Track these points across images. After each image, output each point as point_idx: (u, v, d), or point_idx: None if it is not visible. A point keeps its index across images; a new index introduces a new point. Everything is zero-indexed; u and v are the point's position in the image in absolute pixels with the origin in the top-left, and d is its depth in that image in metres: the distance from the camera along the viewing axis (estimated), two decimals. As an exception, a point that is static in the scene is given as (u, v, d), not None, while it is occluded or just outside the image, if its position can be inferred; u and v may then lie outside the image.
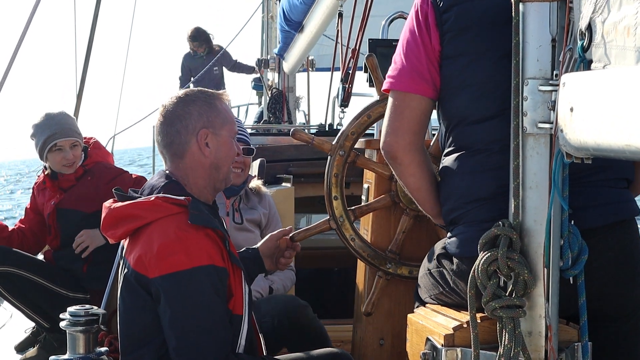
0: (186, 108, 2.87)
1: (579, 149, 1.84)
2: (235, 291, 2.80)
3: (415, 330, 2.74)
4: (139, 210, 2.77)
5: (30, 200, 5.19)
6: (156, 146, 2.98)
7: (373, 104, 3.69)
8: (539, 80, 2.15)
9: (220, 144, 2.89)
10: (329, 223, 3.67)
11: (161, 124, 2.89)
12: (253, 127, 10.07)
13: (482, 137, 2.53)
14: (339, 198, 3.65)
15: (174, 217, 2.73)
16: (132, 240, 2.81)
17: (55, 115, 4.94)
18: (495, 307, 2.20)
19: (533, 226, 2.21)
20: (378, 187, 3.73)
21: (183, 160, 2.88)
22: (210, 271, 2.69)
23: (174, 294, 2.67)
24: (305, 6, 7.39)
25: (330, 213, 3.67)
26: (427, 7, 2.63)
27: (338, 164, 3.65)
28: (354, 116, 3.72)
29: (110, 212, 2.82)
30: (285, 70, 10.24)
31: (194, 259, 2.67)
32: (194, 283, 2.67)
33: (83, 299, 4.83)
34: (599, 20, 1.81)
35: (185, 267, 2.66)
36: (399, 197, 3.64)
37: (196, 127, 2.85)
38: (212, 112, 2.88)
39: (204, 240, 2.71)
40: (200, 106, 2.87)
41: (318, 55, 11.69)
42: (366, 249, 3.66)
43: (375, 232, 3.74)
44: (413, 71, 2.63)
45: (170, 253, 2.67)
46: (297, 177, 5.51)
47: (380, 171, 3.66)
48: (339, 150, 3.65)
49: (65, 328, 3.08)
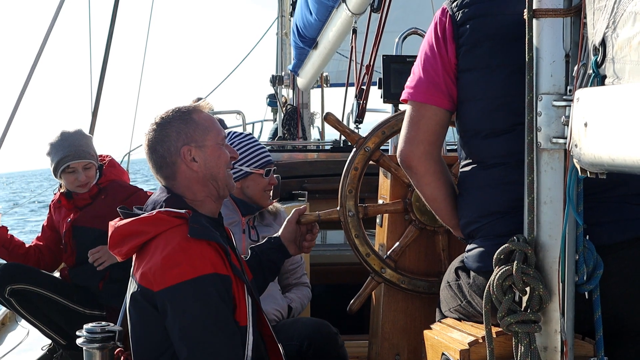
0: (164, 131, 2.90)
1: (594, 164, 1.84)
2: (239, 302, 2.82)
3: (431, 346, 2.74)
4: (142, 225, 2.80)
5: (47, 218, 5.22)
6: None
7: None
8: (553, 95, 2.14)
9: (207, 155, 2.92)
10: (338, 213, 3.67)
11: (147, 152, 2.94)
12: (268, 144, 10.10)
13: (497, 151, 2.54)
14: (353, 191, 3.65)
15: (176, 229, 2.75)
16: (138, 256, 2.83)
17: (69, 135, 4.96)
18: (510, 322, 2.20)
19: (548, 241, 2.20)
20: (393, 197, 3.73)
21: (176, 180, 2.91)
22: (214, 279, 2.71)
23: (181, 305, 2.69)
24: (319, 22, 7.42)
25: (341, 204, 3.67)
26: (445, 20, 2.66)
27: (361, 159, 3.66)
28: (388, 117, 3.75)
29: (116, 230, 2.85)
30: (300, 86, 10.27)
31: (198, 268, 2.69)
32: (200, 292, 2.68)
33: (99, 316, 4.85)
34: (613, 35, 1.81)
35: (189, 277, 2.68)
36: (412, 206, 3.65)
37: (177, 147, 2.89)
38: (189, 127, 2.91)
39: (206, 249, 2.73)
40: (177, 125, 2.90)
41: (333, 71, 11.72)
42: (366, 248, 3.65)
43: (387, 240, 3.74)
44: (430, 83, 2.66)
45: (174, 265, 2.69)
46: (312, 193, 5.52)
47: (400, 176, 3.66)
48: (365, 145, 3.66)
49: (81, 345, 3.10)
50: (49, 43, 6.61)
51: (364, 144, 3.66)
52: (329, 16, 7.14)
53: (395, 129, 3.67)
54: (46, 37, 6.60)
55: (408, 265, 3.70)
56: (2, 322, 6.09)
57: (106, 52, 7.78)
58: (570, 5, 2.12)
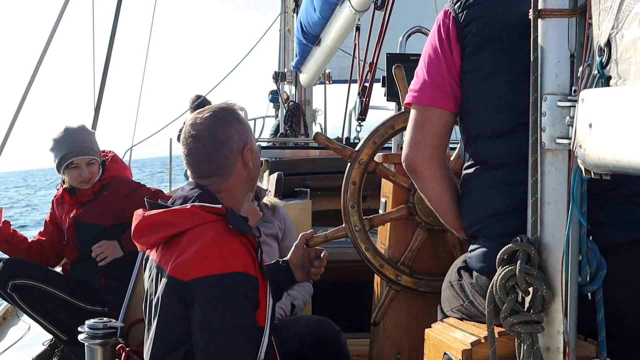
0: (226, 131, 2.90)
1: (598, 165, 1.83)
2: (261, 302, 2.81)
3: (432, 345, 2.74)
4: (175, 217, 2.77)
5: (50, 213, 5.23)
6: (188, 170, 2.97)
7: (397, 115, 3.68)
8: (558, 95, 2.14)
9: (254, 155, 2.96)
10: (345, 230, 3.67)
11: (203, 153, 2.90)
12: (270, 140, 10.09)
13: (501, 152, 2.54)
14: (355, 206, 3.65)
15: (212, 224, 2.75)
16: (166, 247, 2.80)
17: (73, 131, 4.96)
18: (513, 323, 2.20)
19: (551, 242, 2.20)
20: (396, 201, 3.73)
21: (228, 180, 2.91)
22: (243, 278, 2.70)
23: (208, 296, 2.68)
24: (323, 19, 7.42)
25: (346, 221, 3.67)
26: (448, 22, 2.64)
27: (357, 172, 3.65)
28: (377, 126, 3.72)
29: (144, 220, 2.83)
30: (302, 83, 10.27)
31: (229, 264, 2.68)
32: (228, 288, 2.68)
33: (101, 311, 4.86)
34: (618, 36, 1.81)
35: (220, 272, 2.67)
36: (416, 210, 3.64)
37: (239, 147, 2.90)
38: (243, 127, 2.94)
39: (239, 247, 2.73)
40: (235, 125, 2.91)
41: (336, 68, 11.71)
42: (379, 260, 3.65)
43: (393, 246, 3.74)
44: (435, 85, 2.65)
45: (207, 256, 2.68)
46: (314, 190, 5.51)
47: (398, 182, 3.66)
48: (359, 158, 3.65)
49: (83, 341, 3.10)
50: (53, 40, 6.60)
51: (358, 157, 3.65)
52: (332, 13, 7.15)
53: (386, 136, 3.67)
54: (51, 35, 6.60)
55: (423, 268, 3.70)
56: (4, 316, 6.10)
57: (109, 49, 7.78)
58: (576, 5, 2.12)
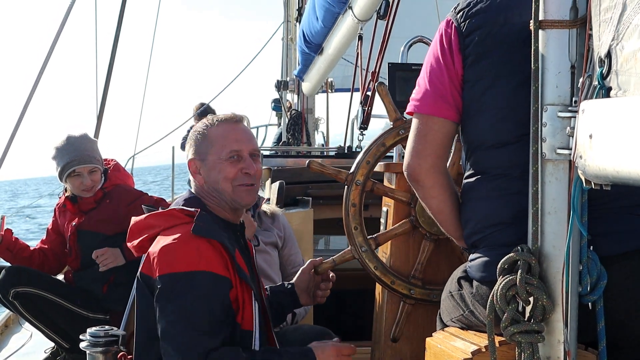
0: (189, 141, 3.13)
1: (598, 176, 1.84)
2: (244, 306, 2.89)
3: (433, 354, 2.74)
4: (156, 220, 2.97)
5: (52, 221, 5.24)
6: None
7: (387, 132, 3.69)
8: (558, 106, 2.14)
9: (209, 169, 3.05)
10: (352, 252, 3.67)
11: None
12: (272, 149, 10.09)
13: (502, 162, 2.54)
14: (359, 228, 3.65)
15: (184, 226, 2.89)
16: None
17: (75, 139, 4.97)
18: (513, 332, 2.20)
19: (552, 251, 2.20)
20: (397, 211, 3.73)
21: (201, 187, 3.08)
22: (206, 277, 2.80)
23: (165, 293, 2.80)
24: (325, 29, 7.43)
25: (351, 243, 3.67)
26: (450, 31, 2.64)
27: (355, 194, 3.66)
28: (368, 145, 3.73)
29: (133, 225, 3.03)
30: (305, 91, 10.27)
31: (191, 264, 2.80)
32: (185, 286, 2.78)
33: (103, 319, 4.86)
34: (619, 48, 1.81)
35: (180, 270, 2.80)
36: (419, 222, 3.64)
37: (189, 158, 3.10)
38: (201, 141, 3.07)
39: (206, 248, 2.84)
40: (193, 139, 3.10)
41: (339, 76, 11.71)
42: (390, 277, 3.65)
43: (394, 256, 3.74)
44: (436, 94, 2.65)
45: (170, 254, 2.82)
46: (315, 199, 5.51)
47: (398, 197, 3.66)
48: (355, 180, 3.66)
49: (85, 349, 3.11)
50: (55, 49, 6.62)
51: (354, 179, 3.66)
52: (335, 22, 7.16)
53: (378, 154, 3.68)
54: (54, 42, 6.62)
55: (434, 278, 3.69)
56: (6, 324, 6.10)
57: (112, 56, 7.80)
58: (576, 16, 2.13)
